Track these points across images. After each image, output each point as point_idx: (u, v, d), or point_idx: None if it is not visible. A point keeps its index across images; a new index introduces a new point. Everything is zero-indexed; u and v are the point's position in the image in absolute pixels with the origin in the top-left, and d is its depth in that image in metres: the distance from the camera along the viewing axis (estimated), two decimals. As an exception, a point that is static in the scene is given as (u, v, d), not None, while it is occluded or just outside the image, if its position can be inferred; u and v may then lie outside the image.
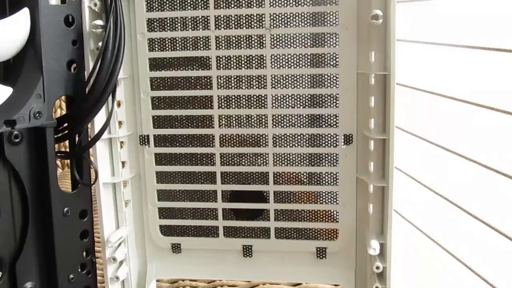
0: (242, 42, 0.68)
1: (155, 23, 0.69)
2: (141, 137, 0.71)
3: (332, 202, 0.71)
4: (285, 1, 0.66)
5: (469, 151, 0.64)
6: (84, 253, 0.66)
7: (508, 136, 0.62)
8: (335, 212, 0.71)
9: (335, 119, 0.68)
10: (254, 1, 0.67)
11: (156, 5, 0.69)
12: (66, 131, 0.63)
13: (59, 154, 0.65)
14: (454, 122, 0.72)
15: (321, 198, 0.71)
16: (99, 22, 0.64)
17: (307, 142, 0.70)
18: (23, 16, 0.56)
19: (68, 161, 1.16)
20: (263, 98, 0.69)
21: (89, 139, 0.65)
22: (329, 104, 0.68)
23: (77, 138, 0.65)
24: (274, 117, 0.69)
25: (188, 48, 0.69)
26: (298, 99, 0.69)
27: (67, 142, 0.65)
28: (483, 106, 0.60)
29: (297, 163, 0.71)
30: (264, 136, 0.70)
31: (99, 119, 0.64)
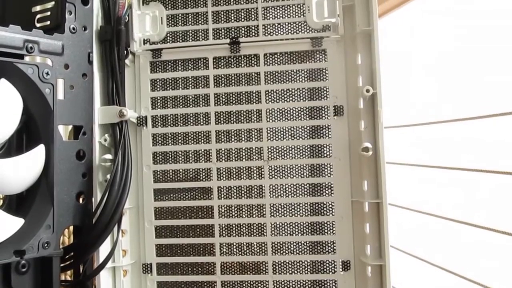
0: (242, 173, 0.72)
1: (159, 156, 0.74)
2: (144, 266, 0.73)
3: (333, 330, 0.70)
4: (282, 135, 0.71)
5: (462, 269, 0.65)
6: None
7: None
8: None
9: (332, 246, 0.70)
10: (254, 136, 0.72)
11: (160, 140, 0.74)
12: (72, 260, 0.65)
13: (63, 283, 0.66)
14: (446, 239, 0.74)
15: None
16: (108, 156, 0.68)
17: (306, 269, 0.71)
18: (39, 152, 0.60)
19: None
20: (262, 226, 0.71)
21: (94, 267, 0.66)
22: (326, 231, 0.70)
23: (81, 267, 0.66)
24: (273, 244, 0.71)
25: (191, 178, 0.73)
26: (297, 227, 0.71)
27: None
28: (473, 225, 0.62)
29: (297, 290, 0.71)
30: (264, 263, 0.71)
31: (104, 247, 0.66)
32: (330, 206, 0.70)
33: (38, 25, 0.67)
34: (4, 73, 0.58)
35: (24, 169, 0.59)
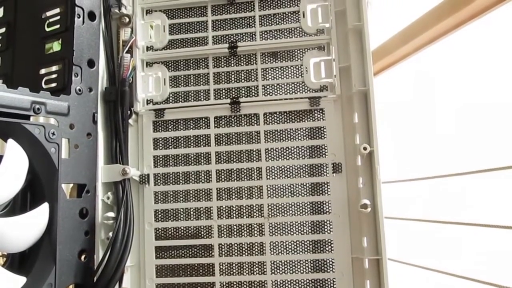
0: (243, 230, 0.73)
1: (161, 214, 0.74)
2: (144, 325, 0.72)
3: None
4: (282, 193, 0.72)
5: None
6: None
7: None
8: None
9: (333, 303, 0.70)
10: (254, 193, 0.73)
11: (162, 197, 0.75)
12: (72, 320, 0.65)
13: None
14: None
15: None
16: (111, 214, 0.69)
17: (307, 327, 0.71)
18: (43, 211, 0.61)
19: None
20: (264, 283, 0.71)
21: (94, 327, 0.66)
22: (327, 288, 0.71)
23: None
24: (274, 302, 0.71)
25: (191, 236, 0.73)
26: (298, 284, 0.71)
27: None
28: (472, 279, 0.62)
29: None
30: (265, 321, 0.71)
31: (105, 307, 0.66)
32: (331, 262, 0.70)
33: (45, 86, 0.69)
34: (12, 133, 0.59)
35: (28, 227, 0.59)
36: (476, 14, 0.86)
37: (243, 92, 0.75)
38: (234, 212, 0.73)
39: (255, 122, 0.74)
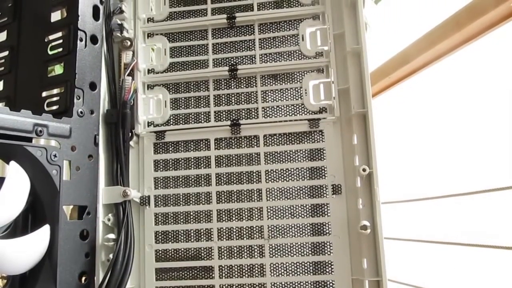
0: (244, 251, 0.73)
1: (161, 235, 0.74)
2: None
3: None
4: (282, 214, 0.72)
5: None
6: None
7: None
8: None
9: (334, 325, 0.70)
10: (254, 214, 0.73)
11: (162, 219, 0.75)
12: None
13: None
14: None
15: None
16: (111, 236, 0.70)
17: None
18: (44, 232, 0.61)
19: None
20: (263, 305, 0.71)
21: None
22: (327, 310, 0.70)
23: None
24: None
25: (191, 257, 0.73)
26: (298, 306, 0.71)
27: None
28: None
29: None
30: None
31: (105, 330, 0.66)
32: (331, 284, 0.70)
33: (47, 109, 0.70)
34: (14, 155, 0.60)
35: (29, 249, 0.59)
36: (480, 32, 0.87)
37: (243, 114, 0.76)
38: (234, 233, 0.73)
39: (255, 144, 0.75)
